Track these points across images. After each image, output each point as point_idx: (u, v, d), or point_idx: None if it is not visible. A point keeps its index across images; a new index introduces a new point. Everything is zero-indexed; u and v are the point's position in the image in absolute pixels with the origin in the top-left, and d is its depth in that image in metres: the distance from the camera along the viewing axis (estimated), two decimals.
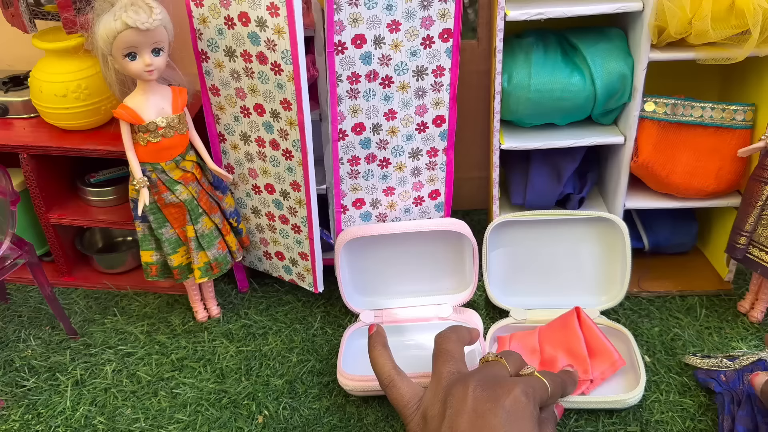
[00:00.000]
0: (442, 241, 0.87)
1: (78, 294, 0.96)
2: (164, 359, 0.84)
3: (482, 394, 0.58)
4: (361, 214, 0.87)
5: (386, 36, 0.74)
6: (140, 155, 0.77)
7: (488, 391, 0.58)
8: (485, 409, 0.57)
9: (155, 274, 0.85)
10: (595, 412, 0.74)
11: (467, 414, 0.57)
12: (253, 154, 0.82)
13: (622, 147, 0.85)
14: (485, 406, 0.57)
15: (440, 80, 0.78)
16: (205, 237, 0.82)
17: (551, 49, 0.82)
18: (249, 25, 0.71)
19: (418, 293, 0.89)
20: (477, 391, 0.58)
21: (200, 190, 0.81)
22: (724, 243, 0.87)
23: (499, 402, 0.57)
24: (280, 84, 0.73)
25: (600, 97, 0.81)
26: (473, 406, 0.57)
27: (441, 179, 0.86)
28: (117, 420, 0.76)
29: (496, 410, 0.56)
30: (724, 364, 0.75)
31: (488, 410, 0.57)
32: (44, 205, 0.92)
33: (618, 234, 0.85)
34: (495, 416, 0.56)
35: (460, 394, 0.59)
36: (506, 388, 0.58)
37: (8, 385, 0.81)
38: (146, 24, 0.69)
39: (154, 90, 0.76)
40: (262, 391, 0.79)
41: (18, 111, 0.92)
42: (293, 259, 0.88)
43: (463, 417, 0.57)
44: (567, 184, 0.88)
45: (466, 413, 0.57)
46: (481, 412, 0.57)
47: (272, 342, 0.86)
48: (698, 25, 0.72)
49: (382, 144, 0.81)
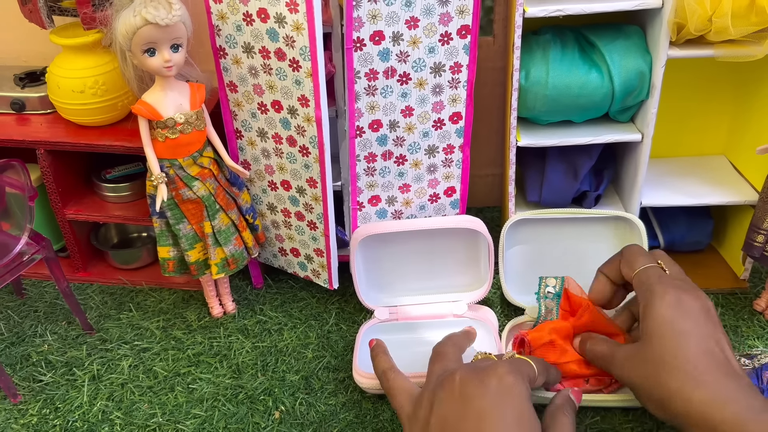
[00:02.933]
0: (457, 238, 0.87)
1: (93, 289, 0.97)
2: (180, 354, 0.84)
3: (467, 379, 0.59)
4: (376, 211, 0.87)
5: (404, 32, 0.74)
6: (158, 151, 0.77)
7: (473, 376, 0.59)
8: (472, 393, 0.57)
9: (172, 270, 0.85)
10: (611, 410, 0.74)
11: (455, 401, 0.58)
12: (270, 151, 0.82)
13: (639, 144, 0.84)
14: (472, 391, 0.57)
15: (457, 77, 0.78)
16: (222, 233, 0.82)
17: (569, 46, 0.82)
18: (268, 22, 0.71)
19: (433, 290, 0.89)
20: (463, 378, 0.59)
21: (217, 187, 0.81)
22: (740, 241, 0.87)
23: (484, 384, 0.57)
24: (298, 80, 0.73)
25: (618, 94, 0.81)
26: (460, 392, 0.58)
27: (457, 176, 0.86)
28: (134, 415, 0.77)
29: (483, 392, 0.57)
30: (742, 362, 0.75)
31: (474, 394, 0.57)
32: (60, 201, 0.92)
33: (635, 232, 0.84)
34: (482, 398, 0.56)
35: (447, 385, 0.59)
36: (490, 370, 0.59)
37: (25, 380, 0.82)
38: (166, 20, 0.69)
39: (172, 86, 0.76)
40: (278, 387, 0.79)
41: (35, 107, 0.92)
42: (309, 256, 0.88)
43: (451, 404, 0.57)
44: (583, 181, 0.88)
45: (454, 400, 0.58)
46: (468, 397, 0.57)
47: (287, 338, 0.87)
48: (718, 22, 0.72)
49: (398, 141, 0.81)
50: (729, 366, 0.59)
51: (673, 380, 0.59)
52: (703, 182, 0.91)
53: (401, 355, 0.83)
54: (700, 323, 0.61)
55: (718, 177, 0.92)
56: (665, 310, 0.62)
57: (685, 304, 0.62)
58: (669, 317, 0.62)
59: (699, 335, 0.60)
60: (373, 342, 0.75)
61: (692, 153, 0.98)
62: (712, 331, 0.61)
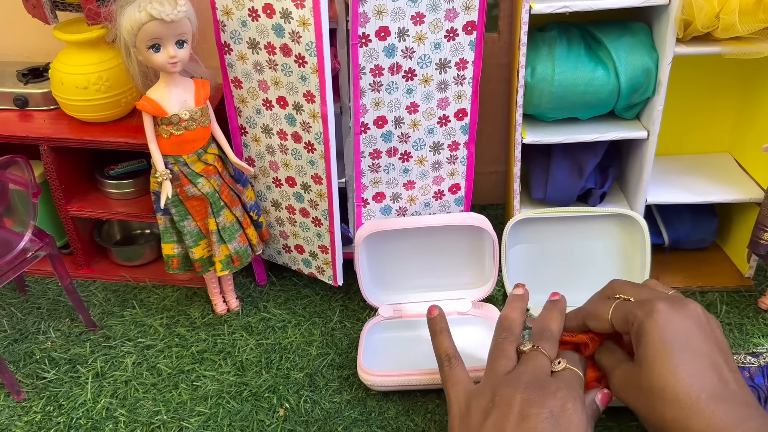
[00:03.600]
0: (461, 235, 0.87)
1: (96, 286, 0.96)
2: (184, 352, 0.84)
3: (529, 397, 0.58)
4: (381, 207, 0.86)
5: (410, 28, 0.73)
6: (163, 148, 0.77)
7: (535, 396, 0.58)
8: (531, 413, 0.57)
9: (176, 267, 0.85)
10: (616, 410, 0.74)
11: (513, 416, 0.57)
12: (275, 147, 0.82)
13: (644, 142, 0.84)
14: (531, 411, 0.57)
15: (463, 73, 0.78)
16: (227, 230, 0.82)
17: (574, 42, 0.82)
18: (273, 17, 0.71)
19: (437, 288, 0.89)
20: (525, 395, 0.58)
21: (222, 183, 0.81)
22: (745, 239, 0.87)
23: (545, 405, 0.57)
24: (304, 76, 0.73)
25: (624, 91, 0.80)
26: (519, 410, 0.57)
27: (462, 173, 0.86)
28: (138, 412, 0.76)
29: (542, 413, 0.56)
30: (747, 360, 0.75)
31: (534, 414, 0.56)
32: (63, 198, 0.92)
33: (638, 230, 0.84)
34: (540, 421, 0.56)
35: (508, 395, 0.59)
36: (552, 392, 0.58)
37: (29, 377, 0.81)
38: (171, 15, 0.69)
39: (177, 82, 0.76)
40: (282, 384, 0.79)
41: (38, 103, 0.92)
42: (313, 253, 0.88)
43: (509, 419, 0.57)
44: (588, 178, 0.88)
45: (513, 415, 0.57)
46: (525, 415, 0.56)
47: (291, 335, 0.86)
48: (725, 19, 0.72)
49: (403, 137, 0.81)
50: (725, 388, 0.57)
51: (668, 410, 0.58)
52: (708, 180, 0.91)
53: (404, 352, 0.84)
54: (693, 340, 0.59)
55: (723, 174, 0.92)
56: (656, 333, 0.60)
57: (675, 322, 0.60)
58: (659, 339, 0.59)
59: (692, 359, 0.58)
60: (435, 311, 0.73)
61: (697, 150, 0.98)
62: (706, 349, 0.59)
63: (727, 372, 0.59)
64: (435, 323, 0.72)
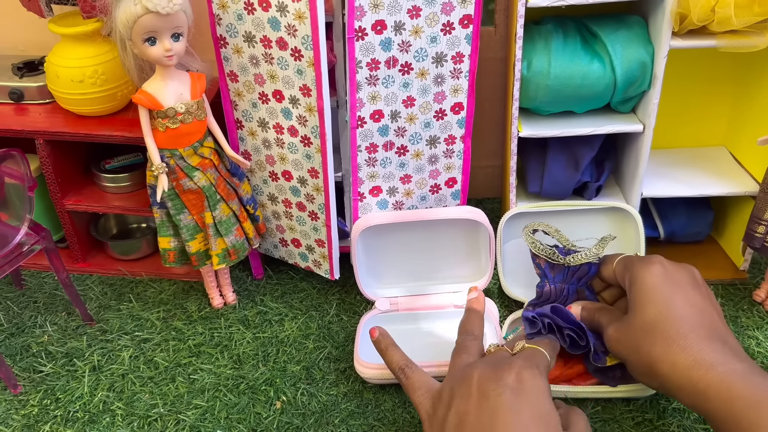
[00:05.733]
0: (458, 228, 0.87)
1: (93, 280, 0.96)
2: (181, 345, 0.84)
3: (485, 376, 0.58)
4: (377, 202, 0.87)
5: (406, 22, 0.73)
6: (159, 141, 0.77)
7: (490, 373, 0.59)
8: (488, 389, 0.57)
9: (173, 261, 0.85)
10: (612, 401, 0.75)
11: (472, 398, 0.57)
12: (271, 141, 0.82)
13: (640, 135, 0.84)
14: (489, 387, 0.57)
15: (459, 67, 0.78)
16: (223, 223, 0.82)
17: (570, 36, 0.82)
18: (269, 11, 0.71)
19: (433, 281, 0.89)
20: (480, 375, 0.59)
21: (218, 177, 0.81)
22: (740, 232, 0.87)
23: (501, 381, 0.57)
24: (300, 70, 0.73)
25: (620, 84, 0.80)
26: (477, 389, 0.58)
27: (458, 167, 0.86)
28: (135, 405, 0.77)
29: (500, 389, 0.56)
30: (555, 256, 0.76)
31: (492, 390, 0.57)
32: (59, 191, 0.91)
33: (632, 223, 0.85)
34: (499, 395, 0.56)
35: (465, 381, 0.59)
36: (509, 365, 0.59)
37: (26, 371, 0.82)
38: (167, 8, 0.69)
39: (173, 76, 0.75)
40: (279, 377, 0.79)
41: (33, 96, 0.91)
42: (310, 246, 0.88)
43: (468, 401, 0.57)
44: (584, 172, 0.88)
45: (471, 397, 0.57)
46: (485, 394, 0.57)
47: (288, 329, 0.87)
48: (721, 13, 0.72)
49: (400, 131, 0.81)
50: (714, 329, 0.60)
51: (657, 346, 0.60)
52: (703, 173, 0.91)
53: (401, 345, 0.83)
54: (686, 291, 0.63)
55: (718, 168, 0.92)
56: (650, 278, 0.64)
57: (671, 273, 0.64)
58: (653, 284, 0.64)
59: (683, 301, 0.62)
60: (375, 332, 0.72)
61: (692, 144, 0.98)
62: (698, 298, 0.62)
63: (718, 319, 0.61)
64: (379, 343, 0.71)
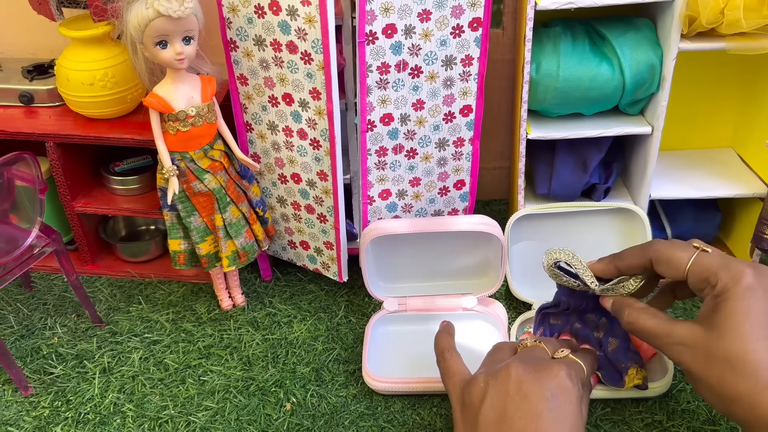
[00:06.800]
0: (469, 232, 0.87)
1: (102, 282, 0.97)
2: (191, 347, 0.85)
3: (525, 376, 0.57)
4: (387, 204, 0.87)
5: (417, 25, 0.74)
6: (169, 144, 0.77)
7: (531, 374, 0.57)
8: (529, 391, 0.56)
9: (183, 263, 0.85)
10: (621, 402, 0.75)
11: (510, 395, 0.56)
12: (280, 144, 0.82)
13: (648, 137, 0.84)
14: (530, 389, 0.56)
15: (468, 70, 0.78)
16: (233, 226, 0.82)
17: (579, 38, 0.82)
18: (280, 14, 0.71)
19: (442, 283, 0.89)
20: (519, 373, 0.57)
21: (228, 179, 0.81)
22: (747, 234, 0.87)
23: (543, 384, 0.56)
24: (310, 73, 0.73)
25: (629, 87, 0.81)
26: (517, 388, 0.56)
27: (466, 169, 0.86)
28: (146, 407, 0.77)
29: (542, 392, 0.56)
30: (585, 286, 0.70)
31: (533, 393, 0.56)
32: (69, 194, 0.92)
33: (639, 225, 0.85)
34: (540, 399, 0.55)
35: (503, 376, 0.58)
36: (550, 371, 0.58)
37: (36, 372, 0.82)
38: (178, 12, 0.69)
39: (184, 79, 0.76)
40: (289, 379, 0.80)
41: (43, 99, 0.92)
42: (318, 249, 0.88)
43: (507, 399, 0.56)
44: (593, 174, 0.88)
45: (510, 395, 0.56)
46: (524, 394, 0.56)
47: (297, 330, 0.87)
48: (730, 15, 0.72)
49: (409, 134, 0.81)
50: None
51: (741, 383, 0.55)
52: (711, 175, 0.91)
53: (409, 346, 0.84)
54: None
55: (726, 170, 0.92)
56: (741, 302, 0.56)
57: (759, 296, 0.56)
58: (743, 311, 0.56)
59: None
60: (445, 323, 0.74)
61: (700, 146, 0.98)
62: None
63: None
64: (442, 327, 0.73)
